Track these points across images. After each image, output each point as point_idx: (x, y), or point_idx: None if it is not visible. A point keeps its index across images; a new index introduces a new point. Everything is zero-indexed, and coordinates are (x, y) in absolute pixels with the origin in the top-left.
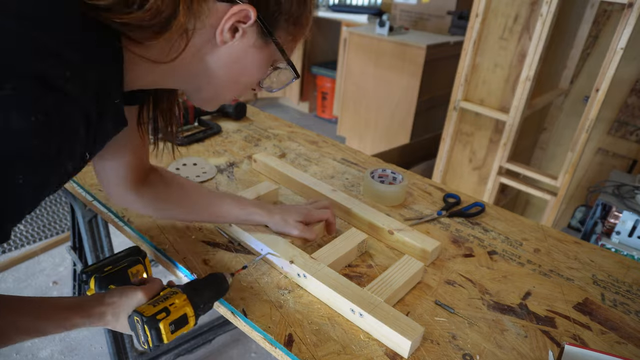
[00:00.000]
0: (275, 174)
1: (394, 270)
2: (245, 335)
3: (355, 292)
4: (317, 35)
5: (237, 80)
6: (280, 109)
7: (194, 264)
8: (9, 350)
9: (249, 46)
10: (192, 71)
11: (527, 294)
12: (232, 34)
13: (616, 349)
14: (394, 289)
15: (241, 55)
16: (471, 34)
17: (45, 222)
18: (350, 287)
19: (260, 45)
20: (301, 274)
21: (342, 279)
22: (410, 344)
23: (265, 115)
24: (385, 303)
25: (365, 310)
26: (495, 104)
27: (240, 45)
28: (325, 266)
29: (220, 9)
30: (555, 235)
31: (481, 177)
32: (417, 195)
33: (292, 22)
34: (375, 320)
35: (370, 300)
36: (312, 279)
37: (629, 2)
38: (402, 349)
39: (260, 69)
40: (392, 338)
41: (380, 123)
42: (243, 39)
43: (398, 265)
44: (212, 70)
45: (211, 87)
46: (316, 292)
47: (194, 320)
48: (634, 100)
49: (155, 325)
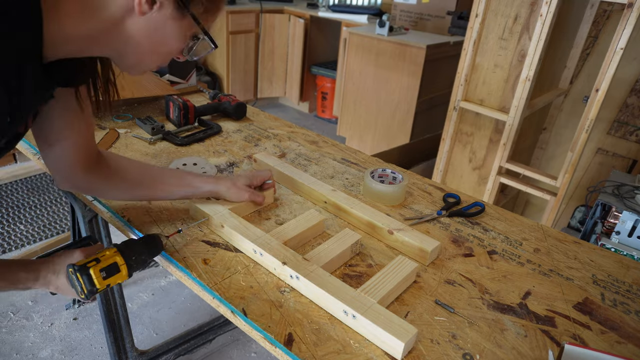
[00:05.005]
0: (275, 174)
1: (388, 271)
2: (245, 335)
3: (348, 294)
4: (317, 35)
5: (157, 49)
6: (280, 109)
7: (194, 264)
8: (9, 350)
9: (166, 17)
10: (114, 39)
11: (527, 293)
12: (150, 5)
13: (616, 348)
14: (387, 290)
15: (159, 25)
16: (471, 34)
17: (45, 222)
18: (343, 289)
19: (177, 17)
20: (294, 276)
21: (335, 281)
22: (403, 345)
23: (265, 115)
24: (378, 304)
25: (358, 311)
26: (495, 104)
27: (158, 16)
28: (319, 267)
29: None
30: (555, 235)
31: (481, 177)
32: (417, 195)
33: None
34: (368, 322)
35: (363, 302)
36: (304, 280)
37: (629, 2)
38: (395, 350)
39: (179, 39)
40: (385, 340)
41: (380, 123)
42: (161, 10)
43: (392, 266)
44: (133, 38)
45: (134, 55)
46: (309, 294)
47: (125, 269)
48: (634, 100)
49: (86, 271)
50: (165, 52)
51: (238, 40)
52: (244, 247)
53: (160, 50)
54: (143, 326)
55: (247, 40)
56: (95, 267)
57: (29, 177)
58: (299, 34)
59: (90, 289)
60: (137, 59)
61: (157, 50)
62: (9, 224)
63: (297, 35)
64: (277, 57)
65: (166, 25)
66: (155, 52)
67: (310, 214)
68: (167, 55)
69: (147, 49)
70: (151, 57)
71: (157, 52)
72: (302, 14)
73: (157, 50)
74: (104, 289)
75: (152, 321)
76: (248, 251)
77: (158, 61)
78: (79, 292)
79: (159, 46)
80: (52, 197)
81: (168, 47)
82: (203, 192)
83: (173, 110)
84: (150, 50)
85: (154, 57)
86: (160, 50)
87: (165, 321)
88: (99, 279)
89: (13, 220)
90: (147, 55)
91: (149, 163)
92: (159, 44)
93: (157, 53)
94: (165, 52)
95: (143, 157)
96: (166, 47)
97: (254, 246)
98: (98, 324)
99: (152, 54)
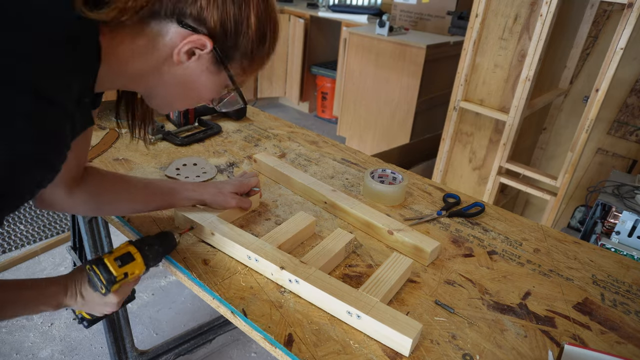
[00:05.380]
0: (275, 174)
1: (385, 269)
2: (245, 335)
3: (351, 294)
4: (317, 35)
5: (189, 94)
6: (280, 109)
7: (194, 264)
8: (9, 350)
9: (202, 70)
10: (151, 81)
11: (526, 293)
12: (189, 56)
13: (616, 348)
14: (387, 288)
15: (194, 76)
16: (471, 34)
17: (46, 222)
18: (345, 290)
19: (213, 71)
20: (293, 280)
21: (335, 282)
22: (411, 341)
23: (265, 115)
24: (381, 303)
25: (363, 311)
26: (495, 104)
27: (194, 67)
28: (317, 269)
29: (181, 33)
30: (555, 235)
31: (481, 177)
32: (417, 195)
33: (247, 58)
34: (374, 320)
35: (366, 301)
36: (305, 284)
37: (629, 2)
38: (403, 347)
39: (212, 90)
40: (392, 337)
41: (380, 123)
42: (198, 62)
43: (388, 264)
44: (167, 83)
45: (165, 97)
46: (310, 297)
47: (140, 258)
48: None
49: (102, 261)
50: (196, 99)
51: None
52: (237, 254)
53: (191, 96)
54: (143, 326)
55: None
56: (109, 256)
57: None
58: (299, 34)
59: (109, 278)
60: (167, 102)
61: (188, 95)
62: (9, 224)
63: (297, 35)
64: (277, 57)
65: (200, 77)
66: (186, 97)
67: (301, 216)
68: (197, 101)
69: (179, 95)
70: (181, 101)
71: (188, 97)
72: (302, 14)
73: (188, 96)
74: (123, 278)
75: (152, 321)
76: (242, 258)
77: (186, 105)
78: (99, 287)
79: (190, 92)
80: None
81: (199, 95)
82: (189, 200)
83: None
84: (182, 96)
85: (184, 102)
86: (191, 95)
87: (165, 321)
88: (114, 267)
89: (13, 220)
90: (177, 99)
91: (132, 175)
92: (190, 91)
93: (188, 98)
94: (196, 98)
95: (143, 157)
96: (197, 95)
97: (248, 252)
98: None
99: (183, 99)
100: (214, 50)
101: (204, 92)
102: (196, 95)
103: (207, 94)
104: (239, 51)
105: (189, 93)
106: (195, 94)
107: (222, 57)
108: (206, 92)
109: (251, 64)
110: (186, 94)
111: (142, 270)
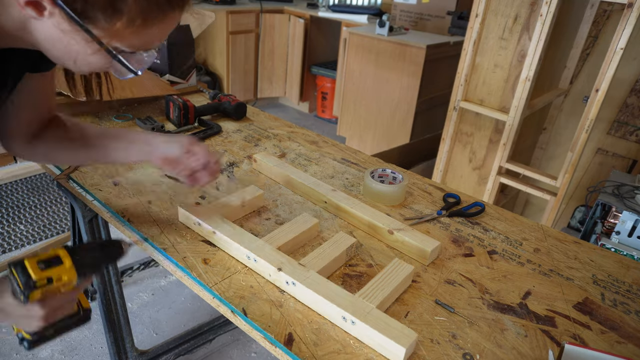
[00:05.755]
0: (275, 174)
1: (385, 275)
2: (245, 335)
3: (346, 299)
4: (317, 35)
5: (67, 53)
6: (280, 109)
7: (194, 264)
8: (9, 350)
9: (57, 27)
10: (26, 37)
11: (527, 293)
12: (39, 12)
13: (616, 348)
14: (385, 295)
15: (56, 34)
16: (471, 34)
17: (45, 222)
18: (341, 294)
19: (69, 30)
20: (290, 282)
21: (332, 286)
22: (404, 350)
23: (265, 115)
24: (377, 309)
25: (358, 317)
26: (495, 104)
27: (50, 24)
28: (315, 273)
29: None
30: (555, 235)
31: (481, 177)
32: (417, 195)
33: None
34: (367, 327)
35: (362, 307)
36: (301, 286)
37: (629, 2)
38: (396, 356)
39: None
40: (386, 345)
41: (380, 123)
42: (52, 19)
43: (389, 270)
44: (39, 40)
45: (50, 53)
46: (306, 300)
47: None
48: (634, 100)
49: (21, 263)
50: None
51: (238, 40)
52: (237, 254)
53: (71, 55)
54: (143, 326)
55: (247, 40)
56: (31, 259)
57: (29, 177)
58: (299, 34)
59: (26, 282)
60: (57, 58)
61: (73, 58)
62: (9, 224)
63: (297, 35)
64: (277, 57)
65: (64, 36)
66: (72, 60)
67: (304, 217)
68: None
69: (61, 55)
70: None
71: (72, 59)
72: (302, 14)
73: (73, 58)
74: (45, 283)
75: (152, 321)
76: (242, 258)
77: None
78: (17, 292)
79: (69, 55)
80: (52, 197)
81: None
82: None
83: (173, 110)
84: (65, 57)
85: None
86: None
87: (165, 321)
88: (34, 269)
89: (13, 220)
90: (66, 61)
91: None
92: (66, 48)
93: (68, 57)
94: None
95: None
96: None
97: (247, 252)
98: (98, 324)
99: (72, 62)
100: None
101: (74, 53)
102: (74, 54)
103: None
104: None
105: (70, 55)
106: (72, 54)
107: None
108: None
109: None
110: (68, 56)
111: (73, 277)
